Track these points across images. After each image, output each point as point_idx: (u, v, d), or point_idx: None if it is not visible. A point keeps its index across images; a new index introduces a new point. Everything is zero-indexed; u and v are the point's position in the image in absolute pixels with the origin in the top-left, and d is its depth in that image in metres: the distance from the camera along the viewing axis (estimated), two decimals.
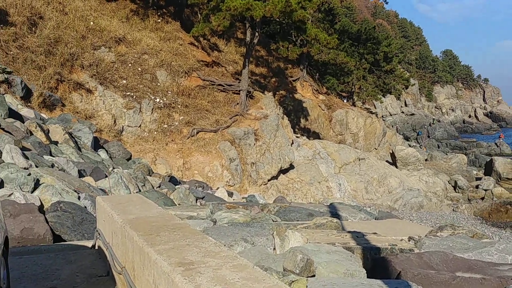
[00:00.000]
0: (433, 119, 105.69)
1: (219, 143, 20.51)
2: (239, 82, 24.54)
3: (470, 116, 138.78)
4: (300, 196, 21.86)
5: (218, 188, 17.33)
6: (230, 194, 17.01)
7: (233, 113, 22.63)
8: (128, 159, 16.43)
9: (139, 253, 3.51)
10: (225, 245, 4.93)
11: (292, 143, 24.49)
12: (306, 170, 23.17)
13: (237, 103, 23.48)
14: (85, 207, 8.05)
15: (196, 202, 13.14)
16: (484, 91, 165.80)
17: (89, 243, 6.40)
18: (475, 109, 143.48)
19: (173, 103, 22.05)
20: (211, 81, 24.66)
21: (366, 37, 40.28)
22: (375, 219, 9.09)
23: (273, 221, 6.94)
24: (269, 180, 21.59)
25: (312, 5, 27.79)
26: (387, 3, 37.65)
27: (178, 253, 3.03)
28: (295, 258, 3.87)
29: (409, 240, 5.57)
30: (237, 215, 6.91)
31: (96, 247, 5.85)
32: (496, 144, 62.92)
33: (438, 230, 5.33)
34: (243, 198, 17.83)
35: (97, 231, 5.57)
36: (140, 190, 12.29)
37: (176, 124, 21.21)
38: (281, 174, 22.56)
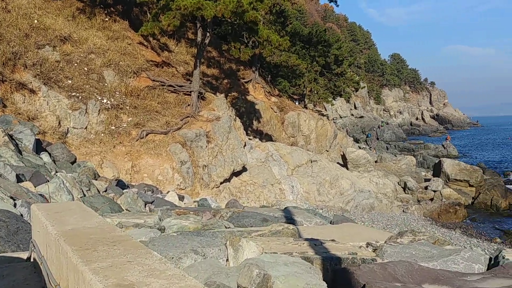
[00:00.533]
0: (382, 122, 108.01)
1: (170, 145, 19.92)
2: (190, 83, 24.01)
3: (417, 119, 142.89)
4: (253, 198, 21.55)
5: (168, 192, 16.79)
6: (181, 198, 16.51)
7: (184, 114, 22.08)
8: (73, 163, 15.64)
9: (74, 270, 3.05)
10: (173, 257, 4.52)
11: (245, 145, 24.17)
12: (259, 172, 22.90)
13: (188, 105, 22.95)
14: (21, 215, 7.43)
15: (145, 207, 12.60)
16: (430, 94, 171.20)
17: (24, 255, 5.84)
18: (422, 112, 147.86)
19: (121, 104, 21.28)
20: (161, 82, 24.03)
21: (317, 40, 40.53)
22: (331, 223, 8.88)
23: (226, 227, 6.56)
24: (221, 183, 21.18)
25: (264, 6, 27.61)
26: (337, 6, 38.00)
27: (116, 273, 2.60)
28: (250, 273, 3.49)
29: (367, 247, 5.33)
30: (187, 221, 6.48)
31: (32, 260, 5.31)
32: (443, 146, 64.77)
33: (398, 236, 5.10)
34: (194, 201, 17.36)
35: (32, 242, 5.04)
36: (84, 195, 11.66)
37: (125, 125, 20.48)
38: (234, 176, 22.20)
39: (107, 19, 27.18)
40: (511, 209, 29.31)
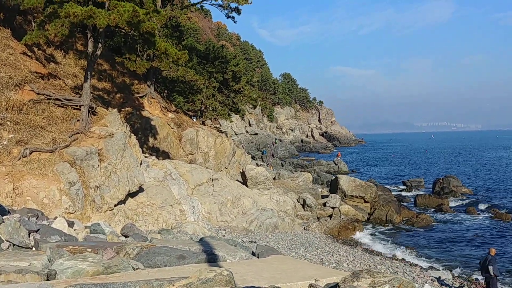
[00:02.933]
0: (275, 139, 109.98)
1: (57, 164, 17.88)
2: (79, 97, 22.01)
3: (307, 136, 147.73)
4: (151, 221, 20.02)
5: (56, 217, 14.89)
6: (71, 224, 14.70)
7: (73, 131, 20.06)
8: None
9: None
10: None
11: (141, 163, 22.58)
12: (157, 192, 21.41)
13: (78, 120, 20.94)
14: None
15: (29, 236, 10.83)
16: (319, 113, 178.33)
17: None
18: (312, 129, 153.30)
19: (1, 119, 18.84)
20: (47, 95, 21.76)
21: (214, 55, 39.83)
22: (256, 255, 7.91)
23: (133, 269, 5.33)
24: (115, 205, 19.41)
25: (161, 18, 26.33)
26: (235, 22, 37.68)
27: None
28: None
29: None
30: (84, 263, 5.14)
31: None
32: (334, 162, 66.79)
33: (354, 278, 4.22)
34: (86, 227, 15.62)
35: None
36: None
37: (5, 143, 18.09)
38: (130, 198, 20.51)
39: None
40: (405, 224, 30.31)
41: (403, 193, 46.06)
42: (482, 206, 37.22)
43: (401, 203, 36.37)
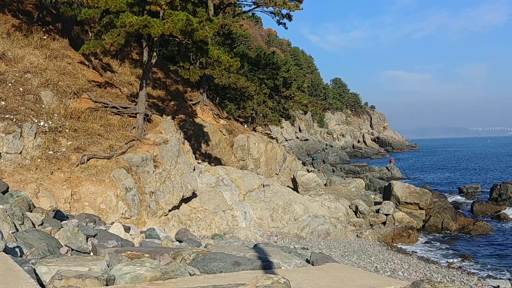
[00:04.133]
0: (326, 144, 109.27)
1: (114, 170, 18.45)
2: (135, 105, 22.65)
3: (359, 141, 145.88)
4: (204, 226, 20.29)
5: (113, 222, 15.33)
6: (127, 229, 15.09)
7: (129, 138, 20.65)
8: (4, 192, 13.96)
9: None
10: None
11: (194, 169, 22.96)
12: (209, 198, 21.69)
13: (134, 127, 21.55)
14: None
15: (87, 241, 11.21)
16: (371, 118, 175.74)
17: None
18: (363, 135, 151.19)
19: (60, 126, 19.63)
20: (104, 103, 22.52)
21: (265, 62, 40.07)
22: (310, 263, 7.90)
23: (190, 274, 5.44)
24: (170, 211, 19.81)
25: (214, 26, 26.74)
26: (286, 28, 37.86)
27: None
28: None
29: None
30: (142, 268, 5.30)
31: None
32: (387, 168, 65.65)
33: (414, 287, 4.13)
34: (142, 232, 16.00)
35: None
36: (17, 230, 10.16)
37: (64, 150, 18.83)
38: (183, 203, 20.88)
39: (45, 37, 25.47)
40: (461, 231, 29.40)
41: (460, 200, 44.70)
42: None
43: (457, 210, 35.32)
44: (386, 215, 28.81)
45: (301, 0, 32.32)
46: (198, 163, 26.12)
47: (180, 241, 16.12)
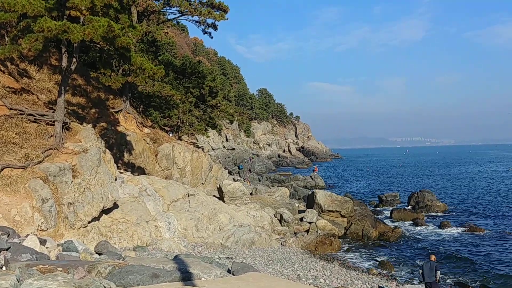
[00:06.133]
0: (252, 154, 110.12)
1: (29, 181, 17.52)
2: (53, 112, 21.69)
3: (284, 151, 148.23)
4: (126, 238, 19.70)
5: (27, 235, 14.52)
6: (43, 242, 14.37)
7: (46, 146, 19.71)
8: None
9: None
10: None
11: (116, 179, 22.27)
12: (132, 209, 21.11)
13: (51, 136, 20.60)
14: None
15: (0, 255, 10.54)
16: (296, 128, 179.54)
17: None
18: (289, 144, 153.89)
19: None
20: (20, 110, 21.39)
21: (191, 70, 39.78)
22: (231, 273, 7.78)
23: None
24: (89, 222, 19.05)
25: (137, 33, 26.22)
26: (211, 38, 37.71)
27: None
28: None
29: None
30: (54, 283, 4.98)
31: None
32: (311, 177, 67.01)
33: None
34: (58, 245, 15.28)
35: None
36: None
37: None
38: (104, 214, 20.18)
39: None
40: (381, 238, 30.43)
41: (379, 208, 46.37)
42: (456, 220, 37.67)
43: (377, 217, 36.57)
44: (310, 223, 29.32)
45: (226, 10, 32.41)
46: (121, 172, 25.41)
47: (99, 254, 15.55)
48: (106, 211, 20.27)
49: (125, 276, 5.94)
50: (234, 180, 41.45)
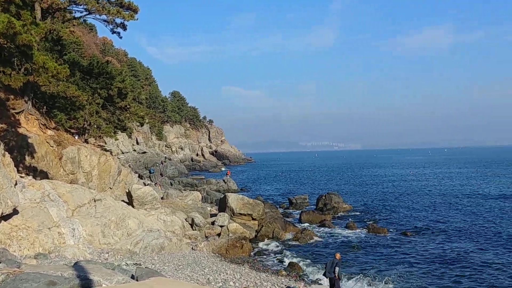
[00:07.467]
0: (164, 157, 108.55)
1: None
2: None
3: (197, 155, 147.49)
4: (26, 245, 18.60)
5: None
6: None
7: None
8: None
9: None
10: None
11: (16, 184, 21.00)
12: (33, 215, 19.98)
13: None
14: None
15: None
16: (209, 131, 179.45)
17: None
18: (202, 148, 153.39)
19: None
20: None
21: (99, 71, 38.46)
22: (135, 278, 7.52)
23: None
24: None
25: (40, 31, 25.08)
26: (121, 38, 36.65)
27: None
28: None
29: None
30: None
31: None
32: (224, 180, 67.14)
33: None
34: None
35: None
36: None
37: None
38: (3, 221, 18.92)
39: None
40: (290, 240, 31.07)
41: (289, 210, 47.34)
42: (361, 221, 39.26)
43: (287, 219, 37.29)
44: (221, 226, 29.31)
45: (136, 10, 31.68)
46: (21, 177, 24.00)
47: None
48: (5, 217, 19.03)
49: (19, 284, 5.56)
50: (145, 185, 40.61)
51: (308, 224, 38.14)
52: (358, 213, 44.44)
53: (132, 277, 8.09)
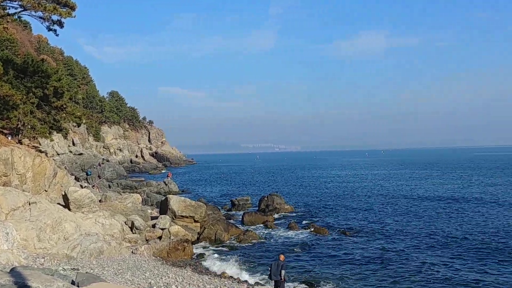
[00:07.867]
0: (102, 159, 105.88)
1: None
2: None
3: (137, 156, 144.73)
4: None
5: None
6: None
7: None
8: None
9: None
10: None
11: None
12: None
13: None
14: None
15: None
16: (149, 133, 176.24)
17: None
18: (142, 150, 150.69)
19: None
20: None
21: (33, 69, 36.88)
22: (76, 284, 7.16)
23: None
24: None
25: None
26: (57, 35, 35.18)
27: None
28: None
29: None
30: None
31: None
32: (165, 182, 66.26)
33: None
34: None
35: None
36: None
37: None
38: None
39: None
40: (233, 241, 30.98)
41: (232, 212, 47.27)
42: (302, 222, 39.73)
43: (229, 221, 37.20)
44: (162, 229, 28.78)
45: (73, 7, 30.59)
46: None
47: None
48: None
49: None
50: (82, 187, 39.33)
51: (250, 225, 38.20)
52: (299, 213, 44.99)
53: (73, 282, 7.74)
